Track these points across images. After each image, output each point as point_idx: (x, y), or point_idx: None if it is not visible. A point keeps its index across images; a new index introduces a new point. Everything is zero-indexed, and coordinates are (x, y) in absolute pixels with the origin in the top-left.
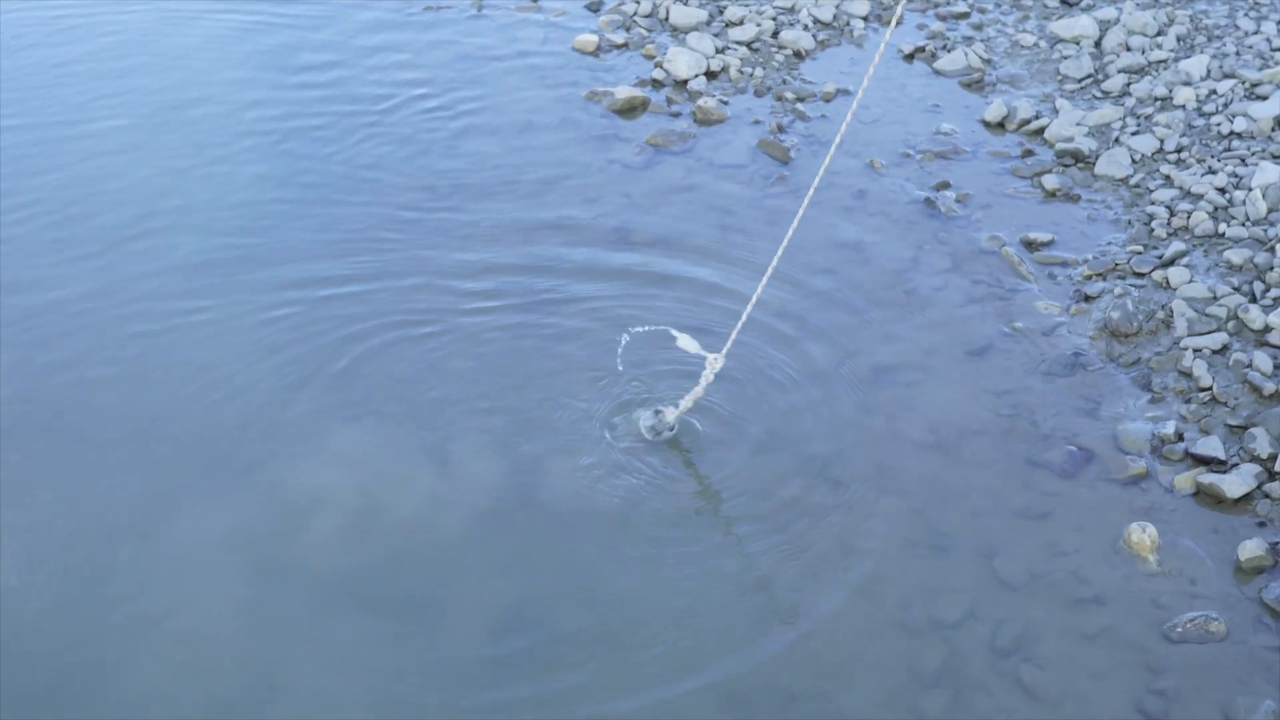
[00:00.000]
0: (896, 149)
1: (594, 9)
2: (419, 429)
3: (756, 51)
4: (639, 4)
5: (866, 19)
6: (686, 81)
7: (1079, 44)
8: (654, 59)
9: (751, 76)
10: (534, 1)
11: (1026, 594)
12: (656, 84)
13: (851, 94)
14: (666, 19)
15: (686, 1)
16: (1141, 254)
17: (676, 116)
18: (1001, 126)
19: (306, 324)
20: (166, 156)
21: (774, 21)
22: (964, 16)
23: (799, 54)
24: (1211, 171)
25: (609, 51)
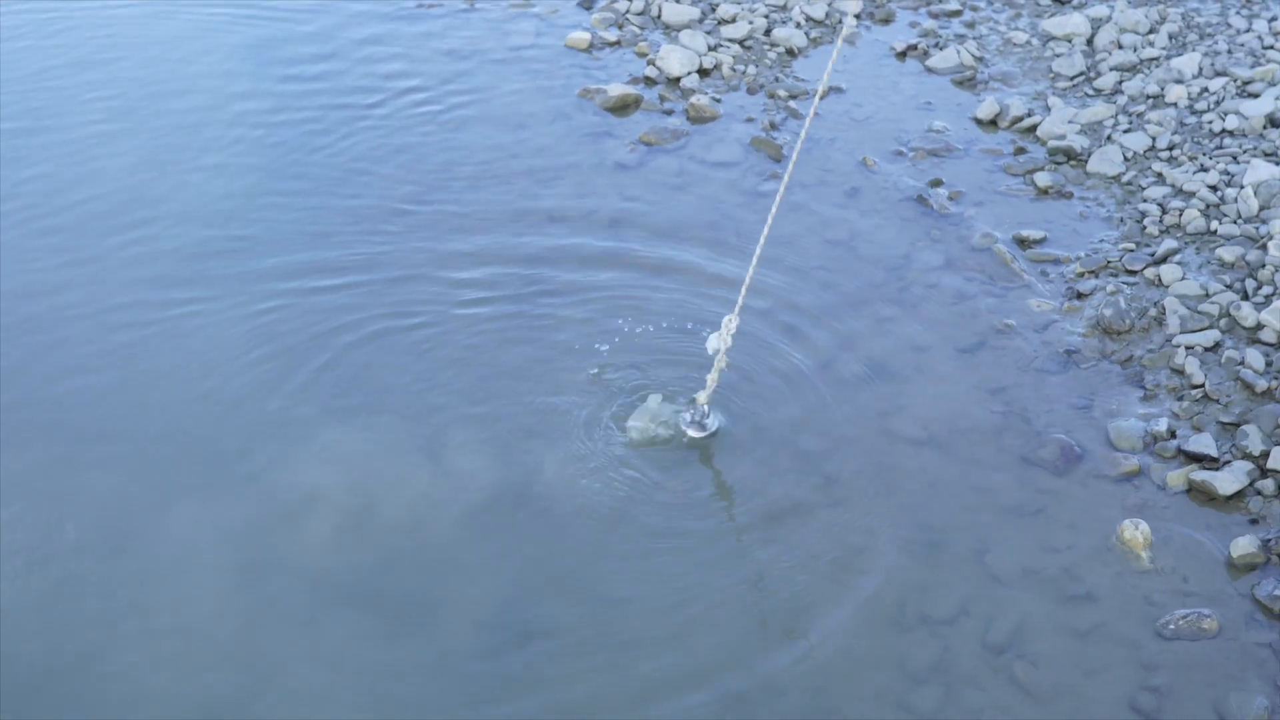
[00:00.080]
0: (889, 146)
1: (586, 6)
2: (412, 425)
3: (749, 49)
4: (631, 2)
5: (859, 16)
6: (679, 79)
7: (1071, 42)
8: (646, 56)
9: (744, 74)
10: None
11: (1019, 590)
12: (649, 81)
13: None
14: (659, 17)
15: None
16: (1134, 251)
17: (669, 114)
18: (994, 124)
19: (299, 320)
20: (157, 152)
21: (766, 19)
22: (956, 14)
23: (791, 52)
24: (1203, 169)
25: (601, 49)
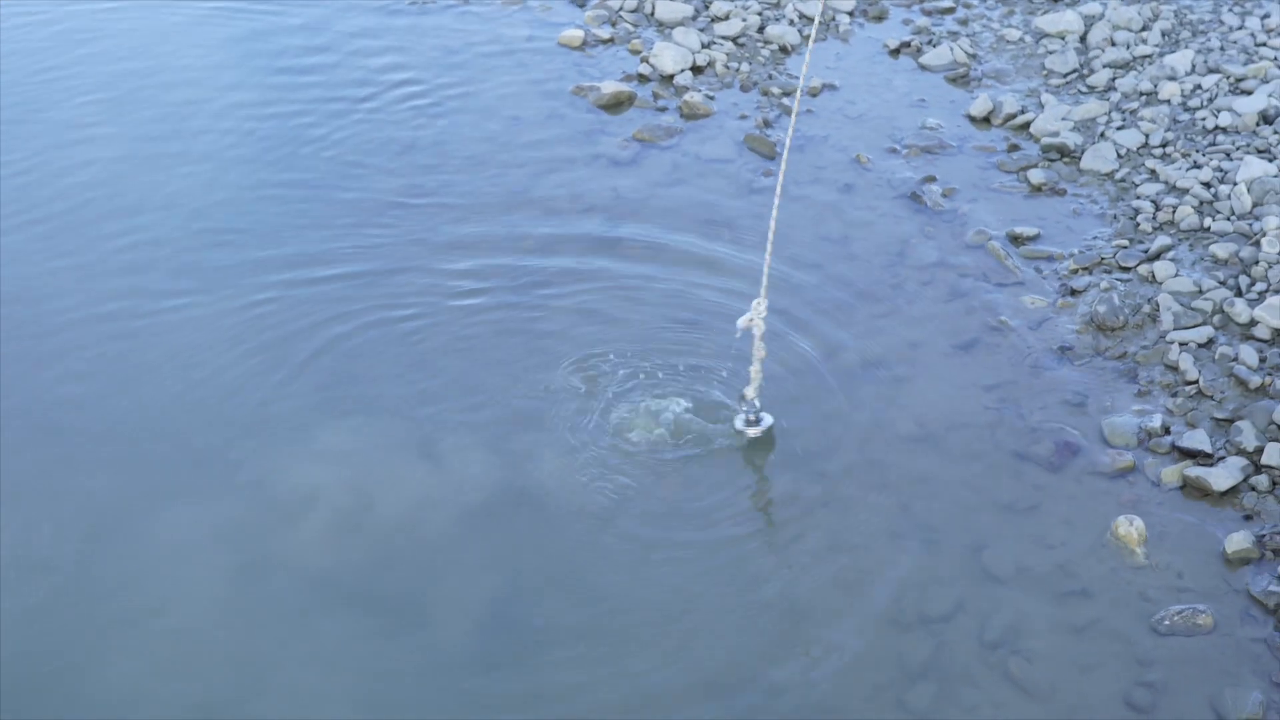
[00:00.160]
0: (882, 144)
1: (579, 3)
2: (407, 422)
3: (742, 46)
4: None
5: (852, 14)
6: (673, 76)
7: (1064, 39)
8: (640, 54)
9: (737, 71)
10: None
11: (1014, 587)
12: (643, 79)
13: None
14: (652, 14)
15: None
16: (1127, 248)
17: (663, 111)
18: (987, 121)
19: (292, 315)
20: (149, 148)
21: (759, 16)
22: (949, 11)
23: (784, 49)
24: (1196, 166)
25: (595, 46)
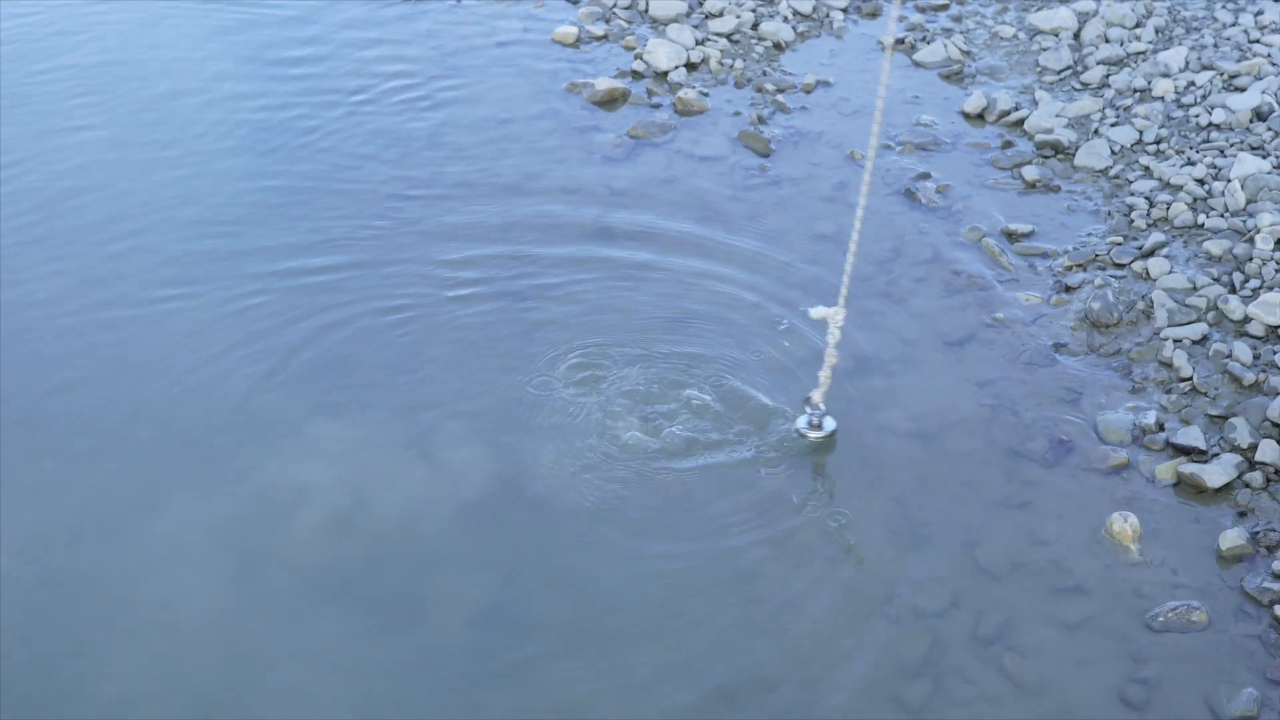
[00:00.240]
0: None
1: (573, 0)
2: (402, 418)
3: (736, 43)
4: None
5: (846, 10)
6: (667, 73)
7: (1058, 36)
8: (634, 50)
9: (732, 68)
10: None
11: (1009, 583)
12: (637, 75)
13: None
14: (646, 11)
15: None
16: (1121, 245)
17: (657, 108)
18: (981, 118)
19: (286, 312)
20: (144, 148)
21: (754, 13)
22: (943, 8)
23: (779, 46)
24: (1190, 163)
25: (589, 43)
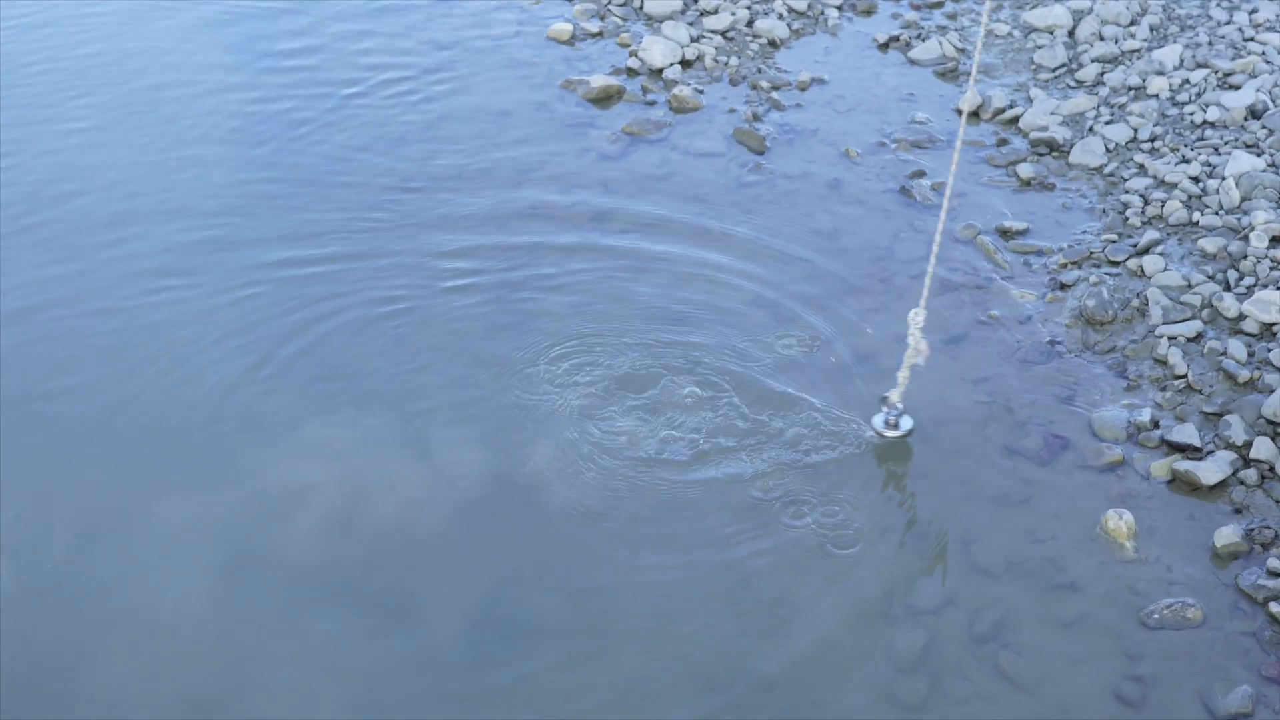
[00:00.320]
0: (871, 138)
1: None
2: (397, 416)
3: (731, 40)
4: None
5: (840, 8)
6: (661, 70)
7: (1053, 33)
8: (629, 47)
9: (726, 65)
10: None
11: (1004, 581)
12: (631, 73)
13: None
14: (641, 8)
15: None
16: (1116, 242)
17: (652, 105)
18: (976, 116)
19: (281, 308)
20: (137, 142)
21: (749, 10)
22: (938, 5)
23: (774, 43)
24: (1185, 160)
25: (583, 40)
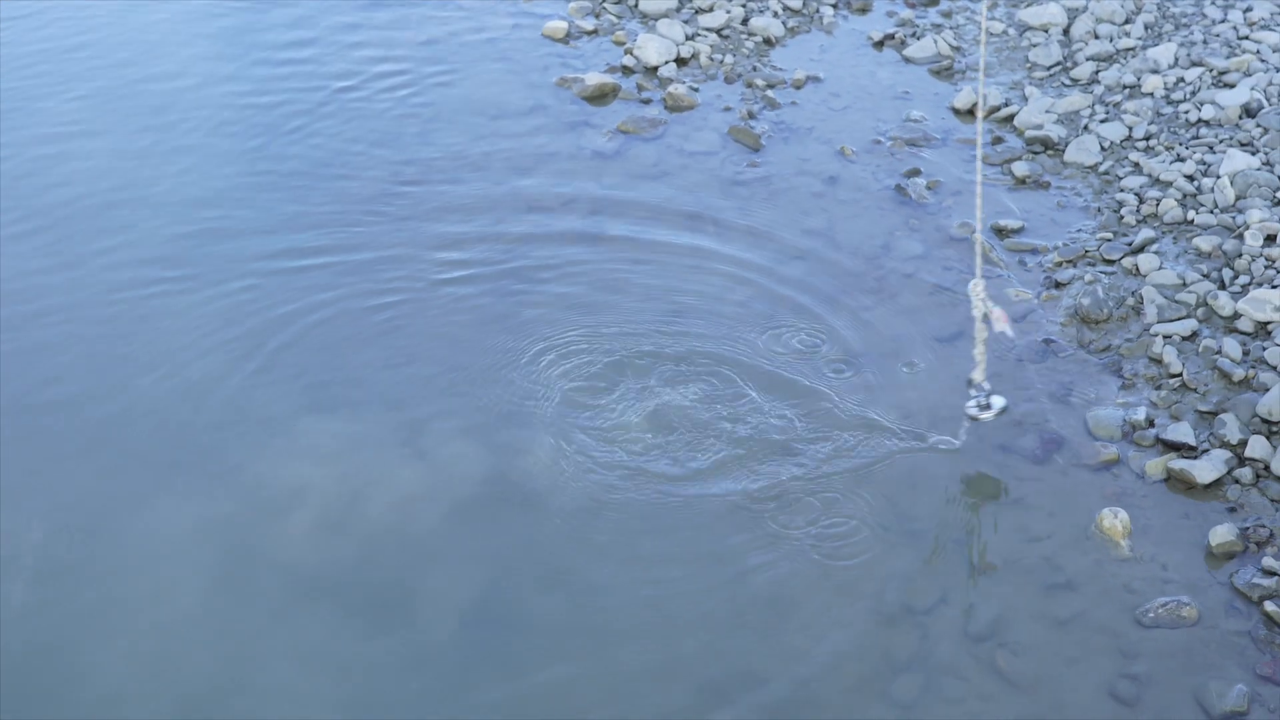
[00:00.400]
0: (867, 136)
1: None
2: (392, 413)
3: (726, 38)
4: None
5: (836, 6)
6: (657, 68)
7: (1048, 31)
8: (624, 46)
9: (722, 63)
10: None
11: (999, 579)
12: (627, 71)
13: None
14: (636, 6)
15: None
16: (1111, 241)
17: (647, 103)
18: (971, 114)
19: (276, 305)
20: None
21: (744, 8)
22: (933, 4)
23: (769, 41)
24: (1180, 159)
25: (579, 38)
